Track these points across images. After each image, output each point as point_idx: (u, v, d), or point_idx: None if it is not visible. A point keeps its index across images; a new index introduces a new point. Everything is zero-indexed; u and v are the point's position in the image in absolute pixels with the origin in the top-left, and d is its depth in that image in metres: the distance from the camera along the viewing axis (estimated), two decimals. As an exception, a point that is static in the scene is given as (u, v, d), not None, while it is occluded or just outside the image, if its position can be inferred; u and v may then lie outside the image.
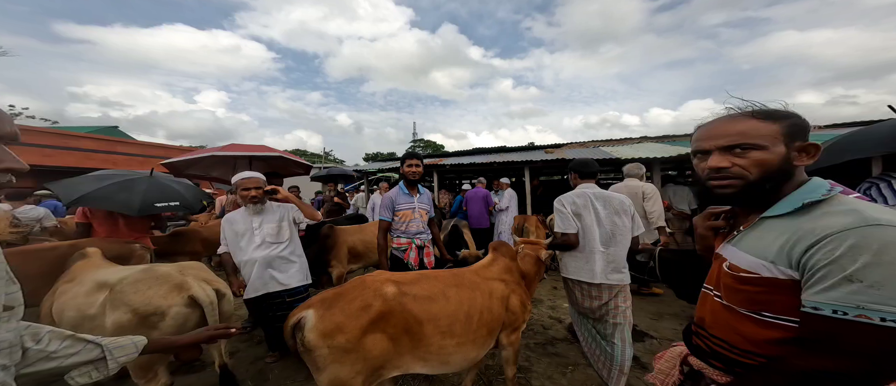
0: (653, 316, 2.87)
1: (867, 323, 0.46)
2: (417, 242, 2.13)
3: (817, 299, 0.50)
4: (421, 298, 1.29)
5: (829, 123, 5.08)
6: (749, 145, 0.62)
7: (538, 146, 7.01)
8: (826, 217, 0.54)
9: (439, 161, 6.31)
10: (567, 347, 2.39)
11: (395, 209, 2.14)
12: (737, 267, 0.64)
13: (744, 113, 0.65)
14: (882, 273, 0.46)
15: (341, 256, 2.99)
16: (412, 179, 2.16)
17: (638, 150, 4.71)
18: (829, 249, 0.50)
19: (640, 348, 2.33)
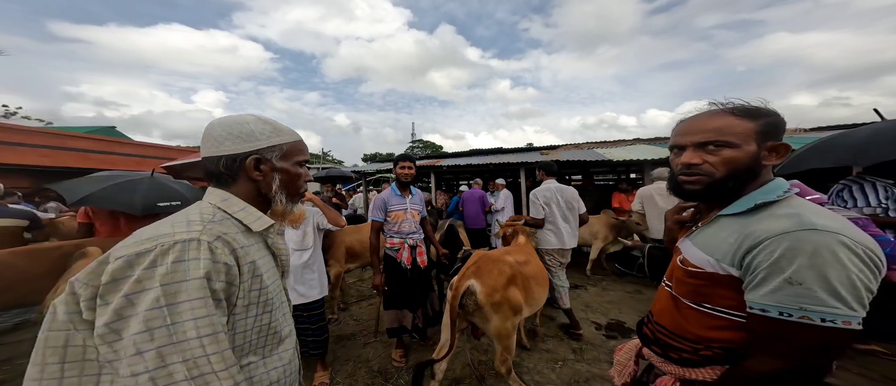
0: (640, 313, 2.95)
1: (809, 324, 0.49)
2: (410, 241, 2.18)
3: (764, 301, 0.53)
4: (523, 263, 1.92)
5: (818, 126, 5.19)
6: (722, 143, 0.62)
7: (535, 148, 7.10)
8: (770, 219, 0.56)
9: (436, 162, 6.37)
10: (557, 343, 2.47)
11: (388, 210, 2.20)
12: (687, 261, 0.68)
13: (722, 109, 0.65)
14: (816, 275, 0.48)
15: (339, 256, 3.05)
16: (404, 181, 2.21)
17: (630, 152, 4.81)
18: (768, 251, 0.53)
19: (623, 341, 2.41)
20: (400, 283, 2.19)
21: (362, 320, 3.09)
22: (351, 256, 3.17)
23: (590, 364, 2.17)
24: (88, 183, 2.56)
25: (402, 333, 2.23)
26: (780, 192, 0.60)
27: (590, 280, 3.96)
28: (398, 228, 2.20)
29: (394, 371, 2.18)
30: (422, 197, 2.40)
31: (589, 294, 3.52)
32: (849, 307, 0.48)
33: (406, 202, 2.23)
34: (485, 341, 2.51)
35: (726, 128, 0.62)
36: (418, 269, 2.23)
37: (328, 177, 6.23)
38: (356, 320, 3.11)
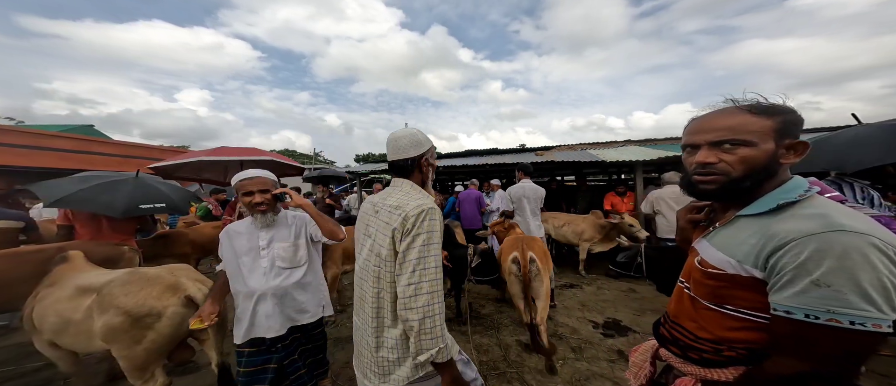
0: (636, 312, 3.00)
1: (838, 327, 0.48)
2: None
3: (789, 303, 0.52)
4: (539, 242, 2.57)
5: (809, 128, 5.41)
6: (738, 141, 0.61)
7: (528, 148, 7.18)
8: (794, 220, 0.55)
9: None
10: (557, 342, 2.48)
11: None
12: (706, 262, 0.67)
13: (738, 107, 0.64)
14: (846, 277, 0.47)
15: (336, 258, 2.99)
16: None
17: (622, 153, 4.91)
18: (794, 252, 0.52)
19: (624, 342, 2.44)
20: None
21: None
22: (347, 257, 3.11)
23: (590, 363, 2.19)
24: (68, 184, 2.44)
25: None
26: (800, 190, 0.59)
27: (585, 279, 4.00)
28: None
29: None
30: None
31: (584, 293, 3.56)
32: (879, 310, 0.47)
33: None
34: (485, 341, 2.51)
35: (742, 126, 0.61)
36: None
37: (321, 177, 6.13)
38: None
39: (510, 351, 2.41)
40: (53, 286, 1.65)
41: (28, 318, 1.62)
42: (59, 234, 2.51)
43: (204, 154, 2.83)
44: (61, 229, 2.51)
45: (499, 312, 3.09)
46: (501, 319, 2.97)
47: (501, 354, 2.37)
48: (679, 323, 0.73)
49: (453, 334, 2.64)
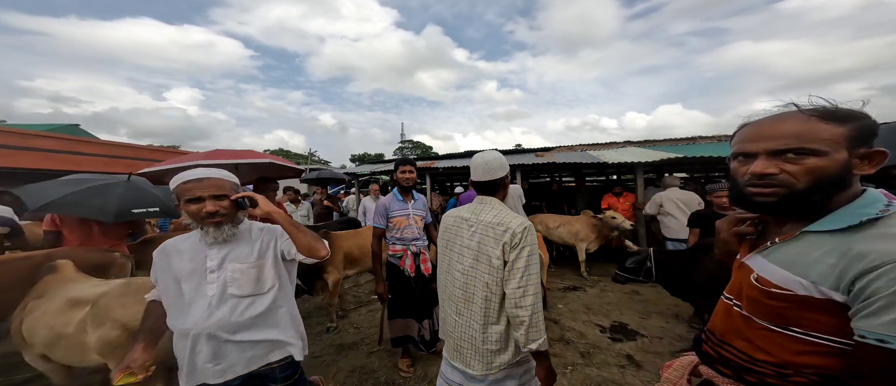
0: (641, 315, 3.00)
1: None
2: (413, 248, 2.11)
3: (883, 332, 0.47)
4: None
5: None
6: (805, 151, 0.55)
7: (526, 149, 7.17)
8: (886, 240, 0.50)
9: (432, 163, 6.30)
10: (564, 347, 2.46)
11: (389, 216, 2.07)
12: (767, 281, 0.61)
13: (803, 111, 0.58)
14: None
15: (337, 262, 2.92)
16: (406, 186, 2.09)
17: (623, 155, 4.92)
18: (893, 276, 0.47)
19: (633, 346, 2.43)
20: (404, 291, 2.12)
21: (363, 328, 2.97)
22: (350, 261, 3.04)
23: (599, 368, 2.17)
24: (56, 187, 2.31)
25: (408, 342, 2.15)
26: (880, 205, 0.54)
27: (587, 281, 4.00)
28: (401, 234, 2.11)
29: (401, 381, 2.09)
30: (425, 202, 2.33)
31: (588, 296, 3.55)
32: None
33: (408, 208, 2.15)
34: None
35: (810, 133, 0.55)
36: (422, 277, 2.16)
37: (319, 179, 6.01)
38: (357, 328, 2.99)
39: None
40: (43, 298, 1.56)
41: (17, 331, 1.52)
42: (46, 239, 2.39)
43: (198, 158, 2.69)
44: (48, 235, 2.38)
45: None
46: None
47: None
48: (728, 342, 0.69)
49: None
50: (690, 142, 5.89)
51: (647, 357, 2.25)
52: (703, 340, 0.78)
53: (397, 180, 2.16)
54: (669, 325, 2.75)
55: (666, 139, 6.33)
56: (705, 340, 0.77)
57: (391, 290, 2.14)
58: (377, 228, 2.12)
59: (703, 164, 4.73)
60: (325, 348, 2.59)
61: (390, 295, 2.14)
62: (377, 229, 2.12)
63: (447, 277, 1.17)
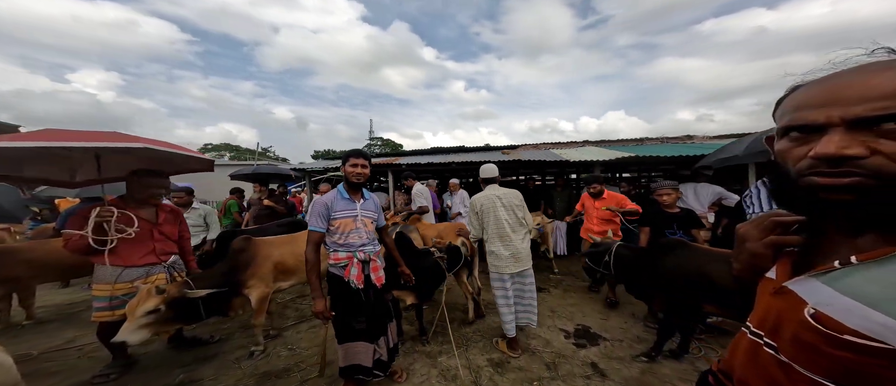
0: (602, 315, 2.94)
1: None
2: (360, 255, 1.74)
3: None
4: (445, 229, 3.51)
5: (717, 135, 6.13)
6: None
7: (494, 147, 7.07)
8: None
9: (394, 160, 5.87)
10: (529, 359, 2.25)
11: (332, 217, 1.71)
12: (834, 322, 0.41)
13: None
14: None
15: (264, 273, 2.39)
16: (355, 182, 1.75)
17: (583, 153, 5.01)
18: None
19: (596, 352, 2.31)
20: (352, 308, 1.73)
21: (300, 350, 2.48)
22: (282, 272, 2.53)
23: (565, 381, 1.99)
24: None
25: (358, 372, 1.74)
26: None
27: (551, 281, 3.94)
28: (345, 239, 1.73)
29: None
30: (377, 202, 1.95)
31: (553, 297, 3.45)
32: None
33: (356, 208, 1.77)
34: (452, 363, 2.17)
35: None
36: (374, 288, 1.79)
37: (257, 175, 5.21)
38: (291, 349, 2.49)
39: (481, 374, 2.10)
40: None
41: None
42: None
43: (17, 139, 1.57)
44: None
45: (464, 325, 2.79)
46: (468, 332, 2.67)
47: (472, 379, 2.06)
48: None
49: (416, 356, 2.30)
50: (639, 143, 6.23)
51: (610, 364, 2.13)
52: (710, 384, 0.60)
53: (345, 175, 1.76)
54: (628, 325, 2.71)
55: (618, 139, 6.66)
56: (714, 384, 0.59)
57: (336, 307, 1.74)
58: (314, 233, 1.70)
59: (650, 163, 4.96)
60: (241, 379, 2.07)
61: (334, 313, 1.73)
62: (314, 234, 1.70)
63: (497, 225, 2.28)
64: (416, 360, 2.27)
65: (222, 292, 2.13)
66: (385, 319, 1.88)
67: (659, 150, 4.83)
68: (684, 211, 2.61)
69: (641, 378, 1.96)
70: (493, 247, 2.28)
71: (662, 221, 2.57)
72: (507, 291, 2.26)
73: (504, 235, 2.25)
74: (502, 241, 2.26)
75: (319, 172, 7.27)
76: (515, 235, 2.27)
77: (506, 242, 2.25)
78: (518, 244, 2.26)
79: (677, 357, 2.12)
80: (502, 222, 2.26)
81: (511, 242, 2.25)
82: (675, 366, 2.06)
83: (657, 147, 5.34)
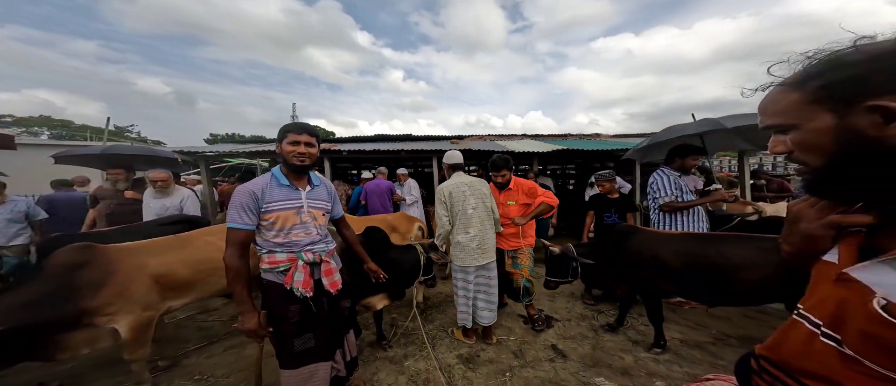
0: (549, 298, 3.15)
1: None
2: (307, 256, 1.33)
3: None
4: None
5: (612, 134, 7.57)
6: (780, 127, 0.50)
7: (444, 137, 6.94)
8: None
9: (333, 146, 5.09)
10: (498, 350, 2.20)
11: (264, 210, 1.28)
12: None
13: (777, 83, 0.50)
14: None
15: (135, 293, 1.59)
16: (300, 164, 1.32)
17: (523, 145, 5.39)
18: None
19: (554, 334, 2.43)
20: (300, 322, 1.31)
21: (213, 378, 1.89)
22: (171, 288, 1.76)
23: (534, 368, 2.00)
24: None
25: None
26: None
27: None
28: (286, 237, 1.30)
29: None
30: (331, 188, 1.54)
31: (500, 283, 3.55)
32: None
33: (301, 196, 1.35)
34: (421, 366, 1.93)
35: (773, 106, 0.50)
36: (327, 294, 1.39)
37: (111, 157, 3.64)
38: (199, 380, 1.88)
39: (454, 373, 1.95)
40: None
41: None
42: None
43: None
44: None
45: (427, 322, 2.58)
46: (433, 331, 2.47)
47: (446, 379, 1.88)
48: (802, 381, 0.48)
49: (379, 364, 2.05)
50: (564, 138, 7.13)
51: (567, 345, 2.27)
52: (754, 369, 0.55)
53: (284, 155, 1.30)
54: (571, 304, 2.98)
55: (549, 134, 7.50)
56: (758, 369, 0.54)
57: (274, 322, 1.30)
58: (236, 231, 1.22)
59: (575, 155, 5.61)
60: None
61: (273, 329, 1.30)
62: (236, 233, 1.22)
63: (466, 215, 2.16)
64: (380, 368, 2.01)
65: (37, 328, 1.33)
66: (342, 329, 1.54)
67: (581, 144, 5.56)
68: (622, 197, 3.01)
69: (593, 354, 2.14)
70: (459, 237, 2.16)
71: (603, 206, 2.91)
72: (468, 285, 2.18)
73: (473, 225, 2.14)
74: (471, 231, 2.14)
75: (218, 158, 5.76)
76: (484, 226, 2.18)
77: (474, 232, 2.14)
78: (486, 235, 2.18)
79: (614, 330, 2.40)
80: (472, 212, 2.15)
81: (480, 232, 2.15)
82: (614, 339, 2.32)
83: (578, 142, 6.18)
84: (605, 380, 1.85)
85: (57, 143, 11.34)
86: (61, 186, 4.16)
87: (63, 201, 3.76)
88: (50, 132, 23.68)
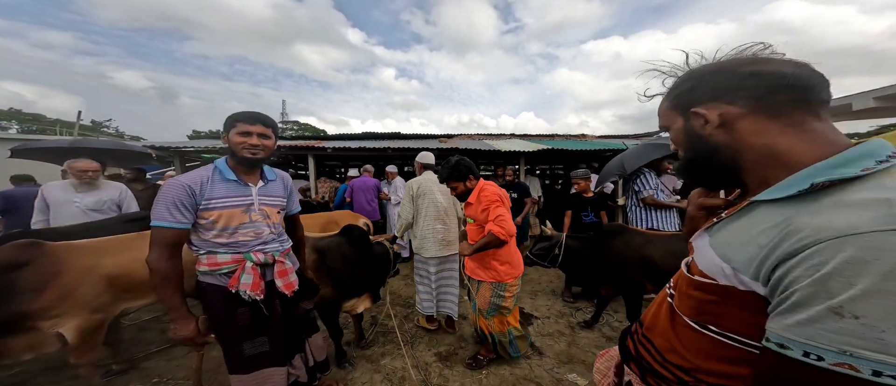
0: (530, 295, 3.16)
1: (852, 376, 0.31)
2: (257, 257, 1.22)
3: (787, 335, 0.35)
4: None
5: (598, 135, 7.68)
6: (664, 128, 0.59)
7: (433, 135, 6.88)
8: (830, 210, 0.35)
9: (318, 143, 4.97)
10: (476, 347, 2.18)
11: (202, 207, 1.14)
12: (694, 266, 0.52)
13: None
14: (891, 307, 0.30)
15: (84, 295, 1.48)
16: (250, 157, 1.19)
17: (511, 144, 5.39)
18: (813, 262, 0.34)
19: (532, 331, 2.42)
20: (251, 326, 1.22)
21: (174, 381, 1.84)
22: (127, 289, 1.65)
23: (511, 365, 1.99)
24: None
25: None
26: (868, 162, 0.36)
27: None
28: (230, 237, 1.19)
29: None
30: (288, 181, 1.42)
31: (487, 282, 3.54)
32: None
33: (251, 193, 1.23)
34: (398, 364, 1.88)
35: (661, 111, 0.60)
36: (282, 297, 1.31)
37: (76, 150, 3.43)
38: (159, 380, 1.85)
39: (431, 371, 1.93)
40: None
41: None
42: None
43: None
44: None
45: (408, 322, 2.54)
46: (411, 329, 2.44)
47: (421, 377, 1.85)
48: (650, 338, 0.59)
49: (358, 363, 2.01)
50: (551, 138, 7.18)
51: (544, 341, 2.27)
52: (630, 332, 0.67)
53: (232, 147, 1.18)
54: (551, 302, 2.99)
55: (536, 134, 7.54)
56: (632, 332, 0.66)
57: (218, 326, 1.20)
58: (163, 230, 1.09)
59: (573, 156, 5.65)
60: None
61: (216, 334, 1.21)
62: (163, 232, 1.09)
63: (431, 209, 2.26)
64: (357, 366, 1.98)
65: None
66: (302, 332, 1.47)
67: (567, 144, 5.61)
68: (597, 195, 3.03)
69: (568, 350, 2.15)
70: (424, 231, 2.25)
71: (580, 204, 2.92)
72: (430, 275, 2.29)
73: (439, 219, 2.25)
74: (436, 226, 2.25)
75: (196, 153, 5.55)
76: (448, 219, 2.30)
77: (439, 226, 2.25)
78: (450, 230, 2.29)
79: (590, 327, 2.42)
80: (439, 206, 2.26)
81: (443, 227, 2.27)
82: (590, 336, 2.34)
83: (564, 142, 6.23)
84: (577, 376, 1.86)
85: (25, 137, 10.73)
86: (22, 182, 3.92)
87: (22, 197, 3.54)
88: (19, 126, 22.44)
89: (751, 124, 0.45)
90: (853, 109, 3.62)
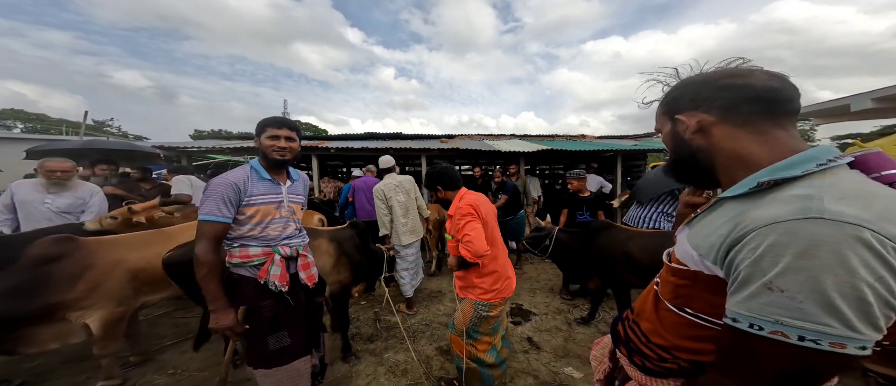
0: (529, 292, 3.25)
1: (783, 342, 0.38)
2: (284, 250, 1.33)
3: (737, 309, 0.42)
4: None
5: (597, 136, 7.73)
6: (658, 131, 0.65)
7: (434, 135, 6.96)
8: (768, 204, 0.43)
9: (321, 144, 5.06)
10: (475, 341, 2.27)
11: (244, 203, 1.26)
12: (674, 255, 0.60)
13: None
14: (805, 281, 0.36)
15: (110, 288, 1.59)
16: (280, 159, 1.31)
17: (511, 145, 5.46)
18: (751, 247, 0.41)
19: (530, 327, 2.52)
20: (277, 318, 1.30)
21: (189, 373, 1.90)
22: (148, 283, 1.76)
23: (509, 359, 2.04)
24: None
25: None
26: (809, 165, 0.44)
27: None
28: (262, 231, 1.29)
29: None
30: (306, 182, 1.55)
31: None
32: (847, 326, 0.36)
33: (281, 191, 1.35)
34: (400, 358, 1.97)
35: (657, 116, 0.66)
36: (304, 289, 1.41)
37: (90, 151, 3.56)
38: (174, 371, 1.91)
39: (432, 364, 2.02)
40: None
41: None
42: None
43: None
44: None
45: (408, 317, 2.64)
46: (414, 325, 2.53)
47: (423, 370, 1.94)
48: (638, 322, 0.66)
49: (362, 356, 2.11)
50: (551, 138, 7.25)
51: (542, 337, 2.36)
52: (621, 318, 0.74)
53: (264, 150, 1.29)
54: (549, 299, 3.07)
55: (536, 134, 7.60)
56: (624, 318, 0.73)
57: (249, 318, 1.28)
58: (212, 224, 1.19)
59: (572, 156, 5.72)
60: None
61: (251, 326, 1.27)
62: (212, 226, 1.19)
63: (397, 207, 2.75)
64: (362, 359, 2.09)
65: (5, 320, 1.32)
66: (318, 326, 1.56)
67: (566, 144, 5.68)
68: (593, 195, 3.12)
69: (565, 345, 2.23)
70: (395, 226, 2.78)
71: (576, 203, 3.02)
72: (408, 258, 2.80)
73: (403, 214, 2.79)
74: (402, 219, 2.79)
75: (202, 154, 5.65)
76: (409, 214, 2.83)
77: (405, 219, 2.80)
78: (411, 220, 2.83)
79: (587, 323, 2.51)
80: (401, 204, 2.80)
81: (409, 218, 2.82)
82: (586, 331, 2.43)
83: (564, 142, 6.30)
84: (573, 370, 1.94)
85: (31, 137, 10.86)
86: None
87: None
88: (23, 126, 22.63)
89: (722, 131, 0.52)
90: (851, 110, 3.65)
